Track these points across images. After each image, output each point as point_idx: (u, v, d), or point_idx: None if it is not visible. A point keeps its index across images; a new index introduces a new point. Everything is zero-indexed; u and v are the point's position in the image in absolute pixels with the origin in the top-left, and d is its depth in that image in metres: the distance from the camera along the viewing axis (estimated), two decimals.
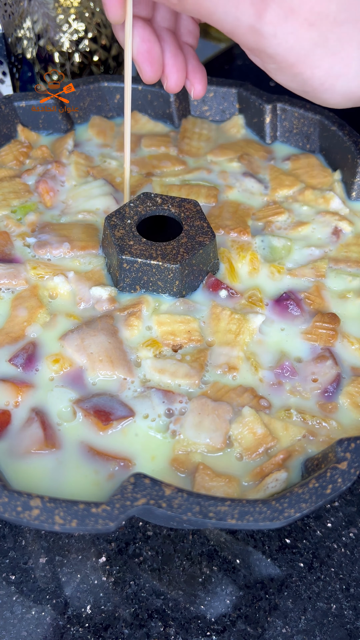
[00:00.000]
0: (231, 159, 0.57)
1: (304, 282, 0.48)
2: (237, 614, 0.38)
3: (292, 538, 0.41)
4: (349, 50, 0.36)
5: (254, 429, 0.38)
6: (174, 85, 0.44)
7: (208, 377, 0.41)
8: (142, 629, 0.37)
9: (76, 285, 0.45)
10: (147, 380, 0.41)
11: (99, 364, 0.41)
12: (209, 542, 0.40)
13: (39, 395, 0.40)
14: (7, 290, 0.46)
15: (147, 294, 0.45)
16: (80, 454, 0.37)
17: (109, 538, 0.40)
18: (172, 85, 0.44)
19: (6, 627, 0.37)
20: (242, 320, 0.43)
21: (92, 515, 0.30)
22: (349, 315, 0.46)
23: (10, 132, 0.58)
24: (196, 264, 0.45)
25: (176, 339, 0.43)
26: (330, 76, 0.37)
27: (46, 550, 0.40)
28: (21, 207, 0.52)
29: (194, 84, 0.45)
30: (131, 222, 0.46)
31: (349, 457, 0.33)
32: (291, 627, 0.37)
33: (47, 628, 0.37)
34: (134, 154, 0.58)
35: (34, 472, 0.37)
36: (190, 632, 0.37)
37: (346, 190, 0.55)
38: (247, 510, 0.31)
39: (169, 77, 0.44)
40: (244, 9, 0.35)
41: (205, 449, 0.38)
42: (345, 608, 0.38)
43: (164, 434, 0.38)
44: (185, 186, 0.54)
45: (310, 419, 0.39)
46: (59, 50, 0.69)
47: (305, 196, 0.54)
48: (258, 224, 0.52)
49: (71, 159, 0.56)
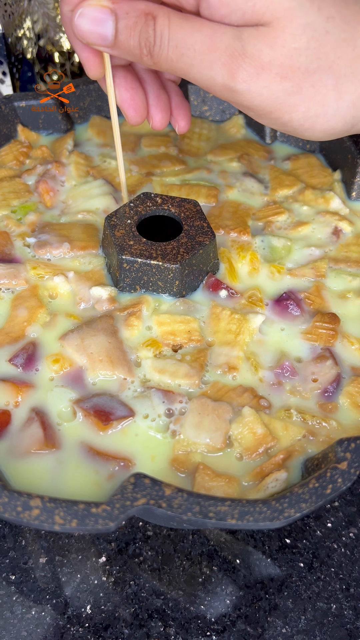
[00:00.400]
0: (231, 159, 0.58)
1: (304, 282, 0.48)
2: (237, 614, 0.38)
3: (292, 538, 0.41)
4: (324, 93, 0.37)
5: (254, 429, 0.38)
6: (158, 125, 0.46)
7: (208, 377, 0.41)
8: (142, 629, 0.37)
9: (76, 285, 0.45)
10: (147, 380, 0.41)
11: (99, 363, 0.41)
12: (209, 542, 0.40)
13: (39, 395, 0.40)
14: (7, 290, 0.46)
15: (147, 294, 0.45)
16: (80, 454, 0.37)
17: (109, 538, 0.40)
18: (156, 125, 0.46)
19: (6, 627, 0.37)
20: (242, 320, 0.43)
21: (92, 515, 0.30)
22: (349, 315, 0.46)
23: (10, 132, 0.58)
24: (196, 264, 0.45)
25: (176, 339, 0.43)
26: (309, 118, 0.38)
27: (46, 550, 0.40)
28: (21, 207, 0.52)
29: (178, 120, 0.47)
30: (131, 222, 0.46)
31: (349, 457, 0.33)
32: (291, 627, 0.37)
33: (47, 628, 0.37)
34: (133, 154, 0.58)
35: (34, 472, 0.37)
36: (190, 632, 0.37)
37: (346, 190, 0.55)
38: (247, 510, 0.31)
39: (154, 118, 0.46)
40: (217, 70, 0.36)
41: (205, 449, 0.38)
42: (345, 608, 0.38)
43: (164, 434, 0.38)
44: (185, 186, 0.54)
45: (310, 419, 0.39)
46: (59, 50, 0.69)
47: (305, 196, 0.54)
48: (258, 224, 0.52)
49: (71, 159, 0.56)
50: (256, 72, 0.36)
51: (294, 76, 0.36)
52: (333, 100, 0.37)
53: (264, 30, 0.35)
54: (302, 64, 0.36)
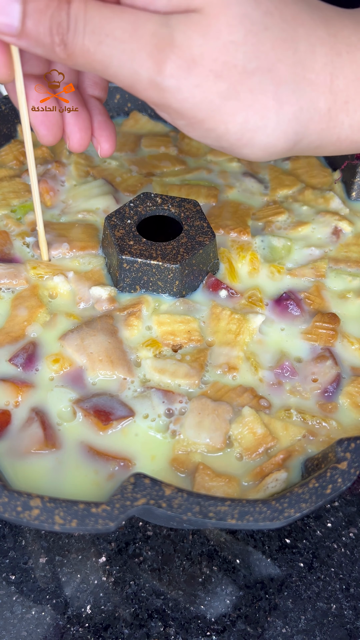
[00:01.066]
0: (231, 159, 0.58)
1: (304, 282, 0.48)
2: (237, 614, 0.38)
3: (292, 538, 0.41)
4: (263, 101, 0.32)
5: (254, 429, 0.38)
6: (76, 146, 0.40)
7: (208, 377, 0.41)
8: (142, 629, 0.37)
9: (76, 285, 0.45)
10: (147, 380, 0.41)
11: (99, 363, 0.41)
12: (209, 542, 0.40)
13: (39, 395, 0.40)
14: (7, 290, 0.46)
15: (147, 294, 0.45)
16: (80, 454, 0.37)
17: (109, 538, 0.40)
18: (74, 146, 0.40)
19: (6, 627, 0.37)
20: (242, 320, 0.43)
21: (92, 515, 0.30)
22: (349, 315, 0.46)
23: (10, 132, 0.58)
24: (196, 264, 0.45)
25: (176, 339, 0.43)
26: (247, 130, 0.33)
27: (46, 550, 0.40)
28: (21, 207, 0.52)
29: (100, 142, 0.41)
30: (131, 222, 0.46)
31: (349, 457, 0.33)
32: (291, 627, 0.37)
33: (47, 628, 0.37)
34: (133, 154, 0.58)
35: (34, 472, 0.37)
36: (190, 632, 0.37)
37: (346, 190, 0.55)
38: (247, 510, 0.31)
39: (71, 137, 0.40)
40: (141, 62, 0.30)
41: (205, 449, 0.38)
42: (345, 608, 0.38)
43: (164, 434, 0.38)
44: (185, 186, 0.54)
45: (310, 419, 0.39)
46: None
47: (305, 196, 0.54)
48: (258, 223, 0.52)
49: (71, 158, 0.56)
50: (187, 66, 0.31)
51: (230, 75, 0.31)
52: (273, 111, 0.33)
53: (195, 17, 0.31)
54: (239, 62, 0.31)
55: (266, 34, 0.32)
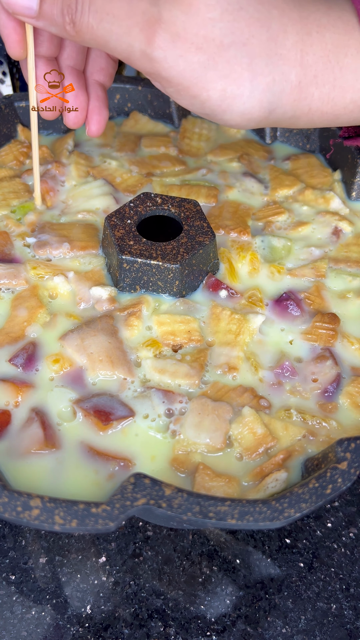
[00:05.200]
0: (231, 159, 0.58)
1: (304, 282, 0.48)
2: (237, 614, 0.38)
3: (292, 538, 0.41)
4: (239, 72, 0.37)
5: (254, 429, 0.38)
6: (71, 123, 0.46)
7: (208, 377, 0.41)
8: (142, 629, 0.37)
9: (76, 285, 0.45)
10: (147, 380, 0.41)
11: (99, 364, 0.41)
12: (209, 542, 0.40)
13: (39, 395, 0.40)
14: (7, 290, 0.46)
15: (147, 294, 0.45)
16: (80, 454, 0.37)
17: (109, 538, 0.40)
18: (69, 122, 0.46)
19: (6, 627, 0.37)
20: (242, 320, 0.43)
21: (92, 515, 0.30)
22: (349, 315, 0.46)
23: (10, 132, 0.58)
24: (196, 264, 0.45)
25: (176, 339, 0.43)
26: (226, 97, 0.37)
27: (46, 550, 0.40)
28: (21, 207, 0.52)
29: (90, 123, 0.47)
30: (131, 222, 0.46)
31: (349, 457, 0.33)
32: (291, 627, 0.37)
33: (47, 628, 0.37)
34: (133, 154, 0.58)
35: (34, 472, 0.37)
36: (190, 632, 0.37)
37: (346, 190, 0.55)
38: (247, 510, 0.31)
39: (67, 114, 0.46)
40: (135, 35, 0.36)
41: (205, 449, 0.38)
42: (345, 608, 0.38)
43: (164, 434, 0.38)
44: (185, 186, 0.54)
45: (310, 419, 0.39)
46: None
47: (305, 196, 0.54)
48: (258, 224, 0.52)
49: (71, 159, 0.56)
50: (172, 39, 0.36)
51: (209, 48, 0.36)
52: (248, 81, 0.37)
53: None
54: (216, 36, 0.36)
55: (241, 13, 0.36)
